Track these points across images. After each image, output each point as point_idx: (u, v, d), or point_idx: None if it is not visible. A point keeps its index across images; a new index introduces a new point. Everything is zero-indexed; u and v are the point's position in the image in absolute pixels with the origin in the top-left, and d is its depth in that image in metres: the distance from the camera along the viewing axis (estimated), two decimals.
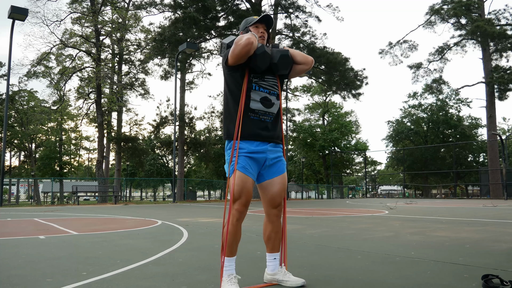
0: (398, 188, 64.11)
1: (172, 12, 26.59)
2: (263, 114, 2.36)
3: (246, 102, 2.32)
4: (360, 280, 2.56)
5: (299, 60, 2.43)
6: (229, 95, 2.38)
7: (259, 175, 2.41)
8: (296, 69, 2.46)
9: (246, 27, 2.43)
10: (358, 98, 30.32)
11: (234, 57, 2.24)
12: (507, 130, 55.71)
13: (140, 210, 12.22)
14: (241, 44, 2.18)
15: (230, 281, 2.23)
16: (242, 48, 2.19)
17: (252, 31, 2.38)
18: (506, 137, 43.22)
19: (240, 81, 2.33)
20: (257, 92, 2.35)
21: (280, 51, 2.35)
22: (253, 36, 2.24)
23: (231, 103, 2.36)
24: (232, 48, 2.24)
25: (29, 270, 2.89)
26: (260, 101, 2.35)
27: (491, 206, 14.45)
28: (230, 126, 2.36)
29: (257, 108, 2.34)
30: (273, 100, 2.40)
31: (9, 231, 5.67)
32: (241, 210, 2.24)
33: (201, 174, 50.10)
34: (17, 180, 39.77)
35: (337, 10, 35.54)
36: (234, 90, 2.35)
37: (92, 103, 28.57)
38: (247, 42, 2.18)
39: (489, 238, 4.77)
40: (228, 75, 2.37)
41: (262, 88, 2.36)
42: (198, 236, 5.06)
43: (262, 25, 2.42)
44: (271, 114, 2.38)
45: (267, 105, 2.37)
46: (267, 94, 2.38)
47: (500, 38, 31.27)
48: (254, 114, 2.34)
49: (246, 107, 2.32)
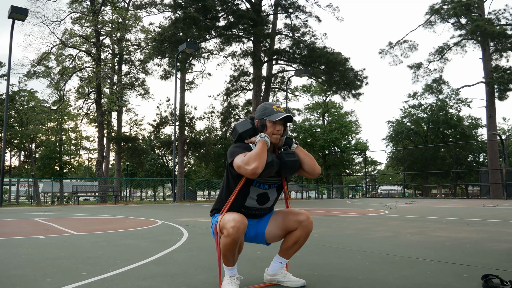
0: (398, 188, 64.13)
1: (172, 12, 26.58)
2: (255, 210, 2.35)
3: (243, 198, 2.28)
4: (360, 280, 2.56)
5: (306, 169, 2.32)
6: (226, 186, 2.33)
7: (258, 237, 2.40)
8: (300, 173, 2.37)
9: (263, 118, 2.28)
10: (358, 98, 30.32)
11: (240, 172, 2.18)
12: (507, 130, 55.72)
13: (140, 210, 12.23)
14: (247, 171, 2.11)
15: (231, 282, 2.22)
16: (247, 175, 2.13)
17: (267, 125, 2.26)
18: (506, 137, 43.22)
19: (240, 177, 2.25)
20: (256, 189, 2.30)
21: (289, 161, 2.25)
22: (262, 157, 2.13)
23: (225, 192, 2.32)
24: (238, 164, 2.15)
25: (29, 270, 2.89)
26: (256, 198, 2.31)
27: (491, 206, 14.45)
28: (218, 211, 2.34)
29: (251, 205, 2.32)
30: (270, 195, 2.35)
31: (9, 231, 5.67)
32: (237, 225, 2.08)
33: (201, 174, 50.09)
34: (17, 180, 39.79)
35: (337, 10, 35.55)
36: (232, 184, 2.30)
37: (92, 103, 28.59)
38: (253, 172, 2.09)
39: (489, 238, 4.77)
40: (230, 168, 2.29)
41: (263, 184, 2.31)
42: (198, 236, 5.06)
43: (280, 121, 2.27)
44: (263, 209, 2.37)
45: (261, 202, 2.34)
46: (266, 190, 2.33)
47: (500, 38, 31.28)
48: (247, 210, 2.32)
49: (240, 204, 2.29)
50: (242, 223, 2.10)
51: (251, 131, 2.31)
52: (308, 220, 2.32)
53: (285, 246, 2.37)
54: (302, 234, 2.32)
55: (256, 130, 2.31)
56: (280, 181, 2.37)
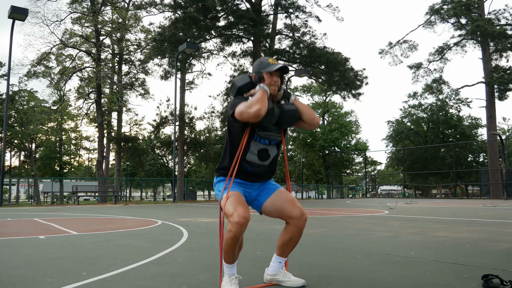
0: (398, 188, 64.13)
1: (172, 12, 26.58)
2: (256, 166, 2.36)
3: (244, 152, 2.32)
4: (360, 280, 2.56)
5: (305, 119, 2.36)
6: (229, 141, 2.37)
7: (255, 203, 2.41)
8: (300, 125, 2.41)
9: (260, 71, 2.33)
10: (358, 98, 30.33)
11: (242, 119, 2.21)
12: (507, 130, 55.71)
13: (140, 210, 12.23)
14: (250, 114, 2.14)
15: (230, 282, 2.22)
16: (250, 118, 2.15)
17: (265, 77, 2.31)
18: (506, 137, 43.22)
19: (242, 130, 2.30)
20: (257, 143, 2.33)
21: (289, 110, 2.30)
22: (263, 101, 2.16)
23: (229, 148, 2.36)
24: (241, 110, 2.18)
25: (29, 270, 2.89)
26: (257, 153, 2.34)
27: (491, 206, 14.45)
28: (223, 170, 2.37)
29: (252, 160, 2.34)
30: (271, 151, 2.38)
31: (9, 231, 5.67)
32: (241, 222, 2.08)
33: (201, 174, 50.08)
34: (17, 180, 39.77)
35: (337, 10, 35.59)
36: (235, 138, 2.33)
37: (92, 103, 28.60)
38: (256, 113, 2.13)
39: (489, 238, 4.77)
40: (232, 122, 2.33)
41: (263, 139, 2.34)
42: (198, 236, 5.06)
43: (276, 73, 2.32)
44: (264, 166, 2.38)
45: (262, 158, 2.36)
46: (266, 146, 2.35)
47: (500, 38, 31.28)
48: (248, 165, 2.34)
49: (242, 157, 2.32)
50: (245, 218, 2.10)
51: (249, 85, 2.35)
52: (302, 217, 2.32)
53: (281, 244, 2.38)
54: (295, 230, 2.32)
55: (254, 84, 2.35)
56: (280, 137, 2.41)
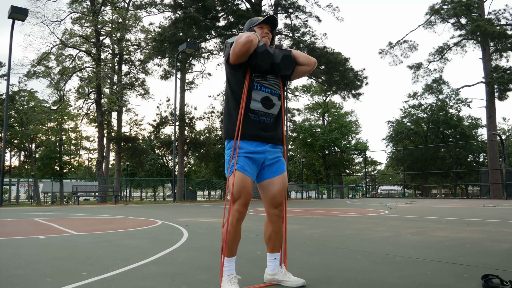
0: (398, 188, 64.10)
1: (172, 12, 26.59)
2: (263, 115, 2.34)
3: (247, 102, 2.31)
4: (360, 280, 2.56)
5: (301, 61, 2.41)
6: (230, 94, 2.37)
7: (259, 175, 2.40)
8: (299, 70, 2.44)
9: (251, 27, 2.41)
10: (358, 98, 30.33)
11: (235, 55, 2.23)
12: (507, 130, 55.70)
13: (140, 210, 12.22)
14: (241, 42, 2.18)
15: (230, 281, 2.23)
16: (242, 46, 2.18)
17: (256, 31, 2.37)
18: (506, 137, 43.23)
19: (241, 80, 2.32)
20: (259, 92, 2.33)
21: (283, 51, 2.34)
22: (253, 34, 2.23)
23: (232, 102, 2.36)
24: (233, 46, 2.24)
25: (29, 270, 2.88)
26: (261, 101, 2.33)
27: (491, 206, 14.45)
28: (229, 126, 2.35)
29: (257, 109, 2.33)
30: (275, 101, 2.38)
31: (9, 231, 5.67)
32: (241, 210, 2.23)
33: (201, 174, 50.09)
34: (17, 180, 39.77)
35: (337, 10, 35.50)
36: (235, 89, 2.34)
37: (92, 103, 28.57)
38: (246, 40, 2.17)
39: (489, 238, 4.77)
40: (230, 73, 2.36)
41: (264, 88, 2.35)
42: (198, 236, 5.06)
43: (266, 25, 2.41)
44: (271, 115, 2.37)
45: (267, 106, 2.35)
46: (268, 94, 2.36)
47: (500, 38, 31.27)
48: (254, 114, 2.33)
49: (246, 107, 2.31)
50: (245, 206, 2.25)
51: None
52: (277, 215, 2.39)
53: (267, 239, 2.43)
54: (274, 228, 2.40)
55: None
56: (279, 89, 2.43)
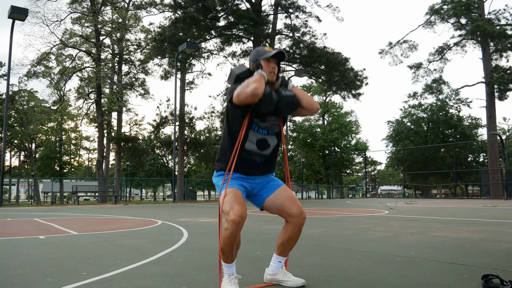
0: (398, 188, 64.09)
1: (172, 12, 26.58)
2: (255, 155, 2.35)
3: (242, 141, 2.31)
4: (360, 280, 2.56)
5: (304, 105, 2.36)
6: (227, 131, 2.36)
7: (258, 198, 2.40)
8: (299, 112, 2.41)
9: (257, 59, 2.34)
10: (358, 98, 30.33)
11: (239, 101, 2.21)
12: (507, 130, 55.67)
13: (140, 210, 12.22)
14: (248, 93, 2.15)
15: (230, 281, 2.22)
16: (248, 97, 2.16)
17: (262, 64, 2.31)
18: (506, 137, 43.22)
19: (241, 118, 2.30)
20: (255, 133, 2.33)
21: (287, 96, 2.30)
22: (261, 82, 2.18)
23: (227, 139, 2.35)
24: (238, 92, 2.20)
25: (29, 270, 2.88)
26: (256, 142, 2.33)
27: (491, 206, 14.45)
28: (222, 161, 2.36)
29: (251, 149, 2.34)
30: (270, 141, 2.37)
31: (9, 231, 5.67)
32: (237, 220, 2.08)
33: (201, 174, 50.08)
34: (17, 180, 39.76)
35: (337, 10, 35.52)
36: (233, 127, 2.33)
37: (92, 103, 28.58)
38: (253, 92, 2.14)
39: (489, 238, 4.77)
40: (230, 110, 2.33)
41: (261, 129, 2.34)
42: (198, 236, 5.06)
43: (274, 60, 2.34)
44: (264, 155, 2.38)
45: (261, 148, 2.35)
46: (265, 136, 2.35)
47: (500, 38, 31.27)
48: (247, 153, 2.34)
49: (241, 147, 2.32)
50: (241, 217, 2.10)
51: (247, 73, 2.35)
52: (301, 215, 2.33)
53: (280, 243, 2.39)
54: (294, 229, 2.34)
55: (252, 73, 2.35)
56: (278, 127, 2.40)
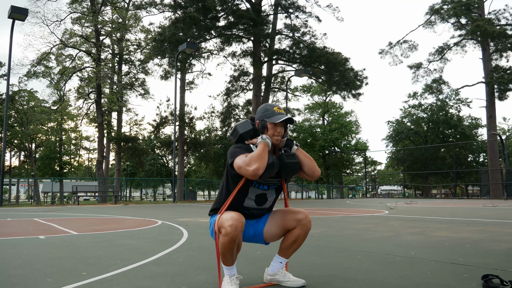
0: (398, 188, 64.10)
1: (172, 12, 26.58)
2: (254, 210, 2.35)
3: (241, 198, 2.29)
4: (360, 280, 2.56)
5: (305, 171, 2.33)
6: (225, 187, 2.33)
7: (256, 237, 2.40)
8: (300, 175, 2.38)
9: (264, 120, 2.27)
10: (358, 98, 30.30)
11: (239, 173, 2.18)
12: (507, 130, 55.68)
13: (140, 210, 12.22)
14: (248, 172, 2.11)
15: (231, 282, 2.22)
16: (248, 176, 2.13)
17: (268, 126, 2.25)
18: (506, 137, 43.21)
19: (240, 177, 2.26)
20: (255, 189, 2.30)
21: (289, 162, 2.25)
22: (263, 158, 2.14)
23: (225, 192, 2.32)
24: (239, 165, 2.15)
25: (29, 270, 2.89)
26: (254, 199, 2.32)
27: (491, 206, 14.45)
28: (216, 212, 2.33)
29: (249, 206, 2.33)
30: (269, 196, 2.36)
31: (9, 231, 5.67)
32: (235, 224, 2.07)
33: (201, 174, 50.08)
34: (17, 180, 39.77)
35: (337, 10, 35.50)
36: (231, 184, 2.30)
37: (92, 103, 28.59)
38: (254, 173, 2.09)
39: (489, 238, 4.77)
40: (230, 169, 2.29)
41: (262, 186, 2.31)
42: (198, 236, 5.06)
43: (281, 123, 2.27)
44: (262, 209, 2.37)
45: (260, 203, 2.34)
46: (264, 191, 2.33)
47: (500, 38, 31.27)
48: (245, 210, 2.33)
49: (239, 204, 2.30)
50: (240, 222, 2.10)
51: (251, 132, 2.30)
52: (307, 218, 2.33)
53: (285, 245, 2.38)
54: (301, 232, 2.32)
55: (257, 131, 2.31)
56: (279, 182, 2.37)
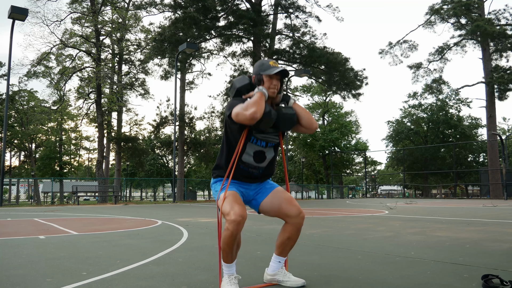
0: (398, 188, 64.09)
1: (172, 12, 26.59)
2: (252, 167, 2.35)
3: (240, 153, 2.31)
4: (360, 280, 2.56)
5: (303, 123, 2.36)
6: (225, 142, 2.35)
7: (253, 202, 2.41)
8: (297, 129, 2.41)
9: (259, 73, 2.30)
10: (358, 98, 30.34)
11: (237, 121, 2.21)
12: (507, 130, 55.70)
13: (140, 210, 12.22)
14: (246, 116, 2.13)
15: (230, 282, 2.22)
16: (246, 120, 2.15)
17: (264, 80, 2.29)
18: (506, 137, 43.22)
19: (239, 131, 2.29)
20: (253, 145, 2.32)
21: (286, 113, 2.29)
22: (260, 104, 2.16)
23: (226, 149, 2.35)
24: (237, 112, 2.18)
25: (29, 270, 2.89)
26: (253, 155, 2.32)
27: (491, 206, 14.45)
28: (219, 169, 2.37)
29: (247, 162, 2.33)
30: (268, 153, 2.37)
31: (9, 231, 5.67)
32: (238, 220, 2.08)
33: (201, 174, 50.08)
34: (17, 180, 39.76)
35: (337, 10, 35.58)
36: (231, 139, 2.32)
37: (92, 103, 28.59)
38: (252, 116, 2.12)
39: (489, 238, 4.77)
40: (229, 124, 2.32)
41: (260, 141, 2.32)
42: (198, 236, 5.06)
43: (277, 76, 2.30)
44: (261, 168, 2.37)
45: (258, 160, 2.35)
46: (262, 148, 2.34)
47: (500, 38, 31.28)
48: (244, 165, 2.34)
49: (238, 158, 2.31)
50: (242, 216, 2.10)
51: (248, 86, 2.35)
52: (300, 215, 2.33)
53: (280, 243, 2.39)
54: (293, 229, 2.33)
55: (254, 86, 2.34)
56: (277, 140, 2.40)
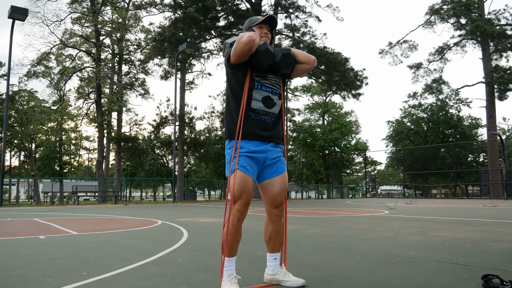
0: (398, 188, 64.10)
1: (172, 12, 26.60)
2: (264, 114, 2.34)
3: (248, 101, 2.31)
4: (360, 280, 2.56)
5: (301, 59, 2.41)
6: (231, 94, 2.37)
7: (259, 175, 2.41)
8: (299, 69, 2.44)
9: (250, 26, 2.41)
10: (358, 98, 30.32)
11: (236, 55, 2.23)
12: (507, 130, 55.70)
13: (140, 210, 12.22)
14: (243, 41, 2.17)
15: (230, 281, 2.23)
16: (244, 45, 2.17)
17: (255, 31, 2.36)
18: (506, 137, 43.22)
19: (242, 79, 2.32)
20: (259, 91, 2.33)
21: (282, 50, 2.34)
22: (255, 34, 2.23)
23: (232, 102, 2.36)
24: (234, 46, 2.23)
25: (29, 270, 2.89)
26: (261, 100, 2.33)
27: (491, 206, 14.45)
28: (230, 125, 2.35)
29: (258, 108, 2.33)
30: (275, 100, 2.38)
31: (9, 231, 5.67)
32: (241, 210, 2.23)
33: (201, 174, 50.10)
34: (17, 180, 39.75)
35: (337, 10, 35.49)
36: (236, 89, 2.34)
37: (92, 103, 28.59)
38: (249, 39, 2.17)
39: (489, 238, 4.77)
40: (230, 73, 2.36)
41: (265, 87, 2.35)
42: (198, 236, 5.06)
43: (266, 25, 2.40)
44: (272, 114, 2.37)
45: (268, 105, 2.35)
46: (269, 94, 2.36)
47: (500, 38, 31.27)
48: (255, 114, 2.33)
49: (247, 107, 2.31)
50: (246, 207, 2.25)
51: None
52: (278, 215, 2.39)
53: (268, 239, 2.43)
54: (274, 229, 2.41)
55: None
56: (279, 89, 2.43)
